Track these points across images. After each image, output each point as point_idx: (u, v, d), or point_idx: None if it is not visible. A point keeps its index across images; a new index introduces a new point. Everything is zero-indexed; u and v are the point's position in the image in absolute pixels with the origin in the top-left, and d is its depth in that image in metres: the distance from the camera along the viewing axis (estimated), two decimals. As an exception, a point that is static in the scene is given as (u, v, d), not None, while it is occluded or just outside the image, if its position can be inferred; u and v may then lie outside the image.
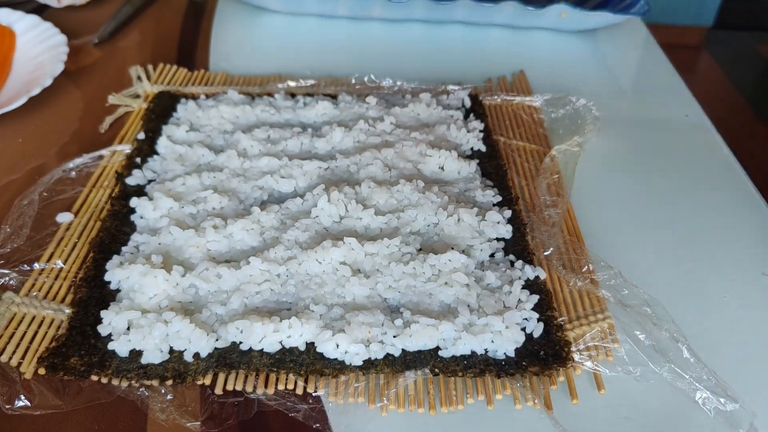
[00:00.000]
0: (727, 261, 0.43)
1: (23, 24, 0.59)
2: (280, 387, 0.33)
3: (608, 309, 0.38)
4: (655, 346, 0.36)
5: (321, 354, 0.34)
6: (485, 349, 0.35)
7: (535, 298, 0.37)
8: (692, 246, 0.44)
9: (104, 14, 0.66)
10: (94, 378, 0.33)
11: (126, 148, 0.48)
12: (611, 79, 0.62)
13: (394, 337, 0.35)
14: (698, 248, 0.44)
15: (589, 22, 0.65)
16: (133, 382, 0.33)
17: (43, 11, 0.65)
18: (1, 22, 0.58)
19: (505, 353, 0.35)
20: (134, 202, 0.43)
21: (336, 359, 0.34)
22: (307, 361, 0.34)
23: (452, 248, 0.39)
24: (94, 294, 0.37)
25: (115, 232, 0.41)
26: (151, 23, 0.67)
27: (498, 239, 0.41)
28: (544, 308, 0.37)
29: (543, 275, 0.39)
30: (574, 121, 0.53)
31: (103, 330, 0.35)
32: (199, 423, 0.32)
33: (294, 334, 0.35)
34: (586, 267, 0.40)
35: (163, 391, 0.33)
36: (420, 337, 0.34)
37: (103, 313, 0.35)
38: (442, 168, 0.47)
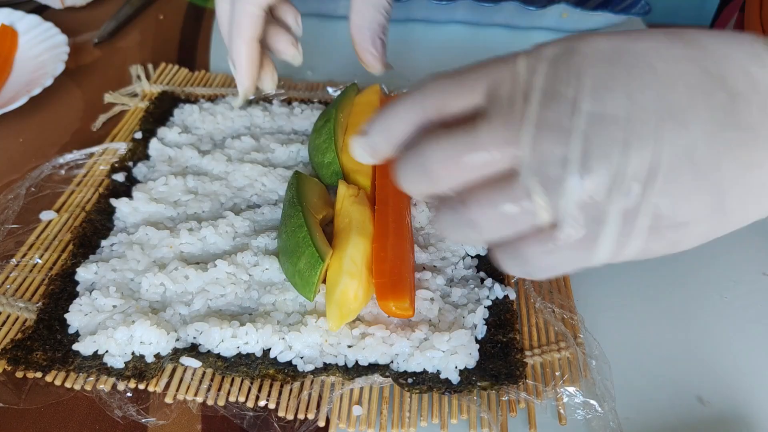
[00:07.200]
0: (727, 261, 0.43)
1: (24, 24, 0.60)
2: (231, 399, 0.34)
3: (583, 335, 0.36)
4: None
5: (275, 359, 0.35)
6: (437, 369, 0.34)
7: (484, 327, 0.36)
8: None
9: (104, 14, 0.66)
10: (51, 377, 0.34)
11: (118, 146, 0.49)
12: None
13: (349, 347, 0.35)
14: (698, 248, 0.44)
15: (589, 22, 0.65)
16: (92, 378, 0.34)
17: (43, 11, 0.65)
18: (3, 22, 0.59)
19: (456, 371, 0.34)
20: (115, 201, 0.43)
21: (289, 363, 0.34)
22: (260, 366, 0.34)
23: (423, 267, 0.39)
24: (67, 288, 0.38)
25: (98, 225, 0.42)
26: (152, 23, 0.67)
27: (473, 256, 0.41)
28: (507, 329, 0.36)
29: (513, 296, 0.38)
30: None
31: (69, 329, 0.36)
32: (154, 419, 0.33)
33: (251, 340, 0.35)
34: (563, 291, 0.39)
35: (121, 389, 0.34)
36: (373, 351, 0.34)
37: (67, 315, 0.36)
38: None
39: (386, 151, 0.28)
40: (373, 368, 0.34)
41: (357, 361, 0.35)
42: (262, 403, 0.33)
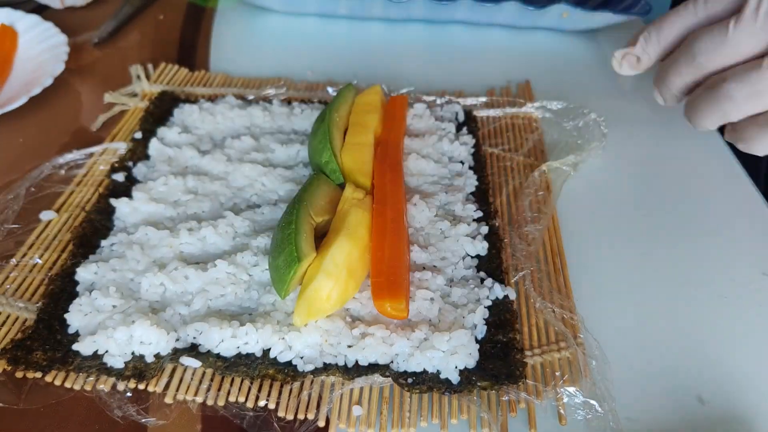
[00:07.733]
0: (727, 261, 0.43)
1: (24, 23, 0.60)
2: (231, 399, 0.34)
3: (583, 335, 0.36)
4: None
5: (275, 359, 0.35)
6: (437, 369, 0.34)
7: (483, 327, 0.36)
8: (692, 246, 0.44)
9: (104, 14, 0.67)
10: (51, 377, 0.34)
11: (118, 146, 0.49)
12: (612, 79, 0.62)
13: (349, 347, 0.35)
14: (698, 248, 0.44)
15: (590, 22, 0.65)
16: (92, 378, 0.34)
17: (43, 11, 0.65)
18: (3, 22, 0.59)
19: (456, 371, 0.34)
20: (115, 201, 0.43)
21: (289, 363, 0.34)
22: (260, 366, 0.34)
23: (423, 267, 0.39)
24: (66, 288, 0.38)
25: (98, 225, 0.42)
26: (152, 23, 0.67)
27: (473, 256, 0.40)
28: (507, 330, 0.36)
29: (513, 296, 0.38)
30: (581, 135, 0.52)
31: (69, 329, 0.36)
32: (154, 419, 0.33)
33: (250, 340, 0.35)
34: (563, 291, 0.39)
35: (121, 389, 0.34)
36: (373, 351, 0.34)
37: (67, 315, 0.36)
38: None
39: (652, 59, 0.37)
40: (373, 368, 0.34)
41: (357, 361, 0.34)
42: (262, 403, 0.33)
